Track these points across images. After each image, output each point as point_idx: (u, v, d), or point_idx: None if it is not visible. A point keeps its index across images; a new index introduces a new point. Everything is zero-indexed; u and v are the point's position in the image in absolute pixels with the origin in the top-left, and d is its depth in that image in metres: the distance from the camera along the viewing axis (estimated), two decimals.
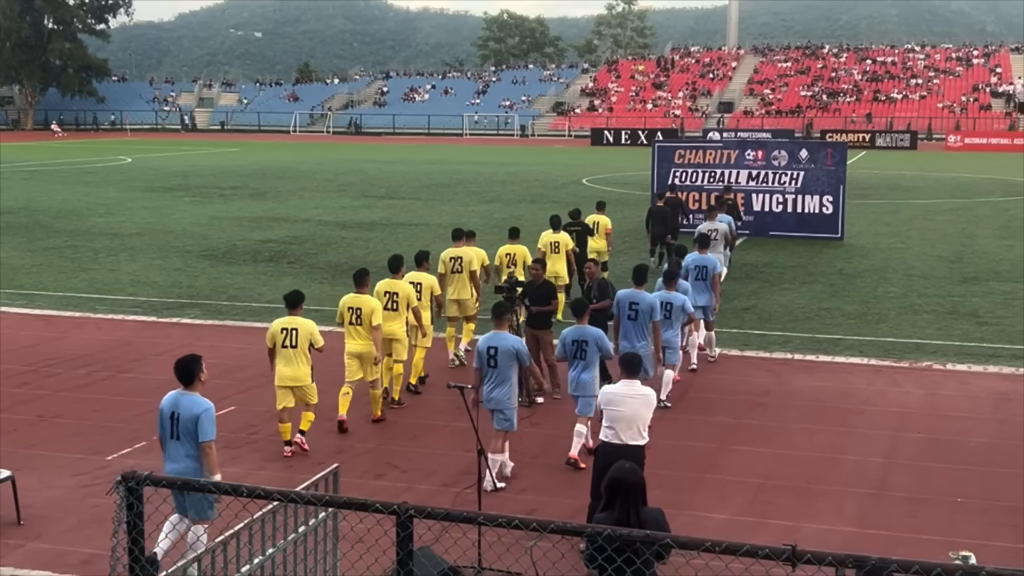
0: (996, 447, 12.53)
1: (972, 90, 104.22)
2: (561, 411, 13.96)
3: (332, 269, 25.07)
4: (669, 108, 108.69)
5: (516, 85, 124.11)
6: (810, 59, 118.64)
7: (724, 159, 30.22)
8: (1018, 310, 20.15)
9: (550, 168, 59.04)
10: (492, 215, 35.33)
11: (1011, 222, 33.54)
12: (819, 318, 19.61)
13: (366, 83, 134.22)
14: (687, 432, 13.12)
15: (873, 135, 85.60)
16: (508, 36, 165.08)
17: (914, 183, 49.00)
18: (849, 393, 14.76)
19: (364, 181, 49.38)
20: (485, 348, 11.54)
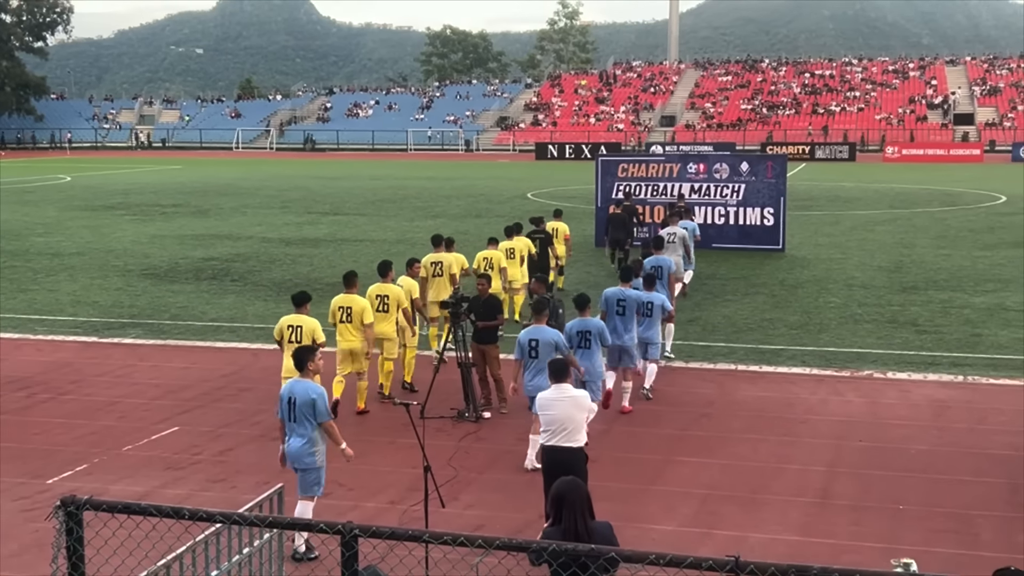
0: (936, 454, 12.73)
1: (909, 102, 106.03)
2: (508, 425, 13.98)
3: (276, 286, 24.89)
4: (612, 122, 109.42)
5: (460, 100, 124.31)
6: (750, 73, 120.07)
7: (667, 172, 30.46)
8: (956, 318, 20.49)
9: (495, 182, 59.15)
10: (438, 230, 35.03)
11: (948, 232, 34.12)
12: (762, 329, 19.81)
13: (309, 99, 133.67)
14: (633, 444, 13.18)
15: (812, 147, 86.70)
16: (451, 51, 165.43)
17: (853, 194, 49.70)
18: (792, 403, 14.92)
19: (308, 197, 49.13)
20: (527, 340, 12.45)
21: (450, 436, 13.52)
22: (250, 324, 20.71)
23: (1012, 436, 13.31)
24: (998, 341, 18.59)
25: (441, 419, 14.03)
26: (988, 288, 23.71)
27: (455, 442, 13.29)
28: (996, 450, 12.82)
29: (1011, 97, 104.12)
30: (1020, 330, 19.40)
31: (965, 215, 39.50)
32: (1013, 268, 26.40)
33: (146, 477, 12.14)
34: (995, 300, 22.26)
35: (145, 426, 14.02)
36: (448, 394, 14.73)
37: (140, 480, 12.03)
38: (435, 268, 17.78)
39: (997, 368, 16.73)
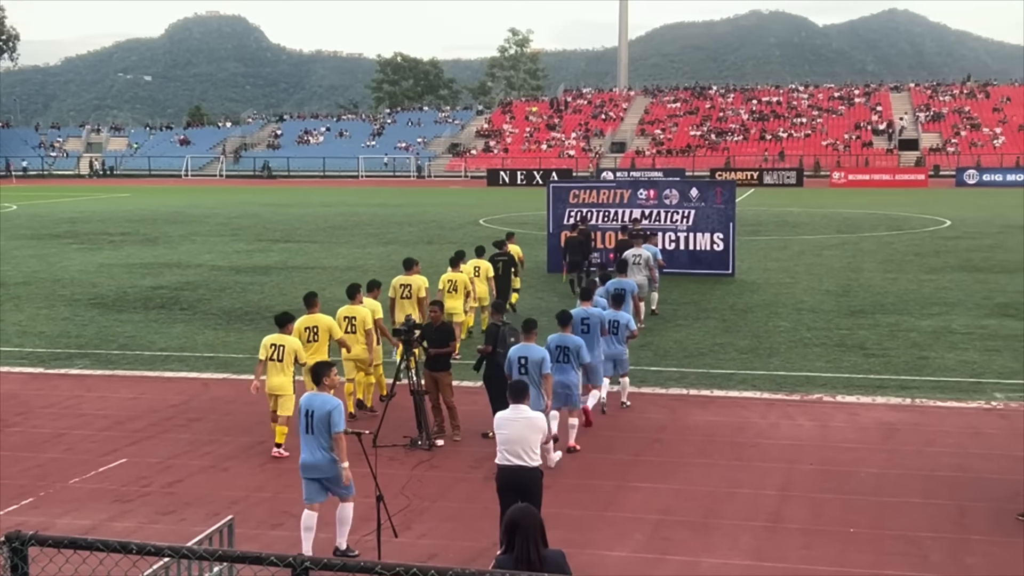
0: (885, 477, 12.85)
1: (855, 128, 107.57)
2: (461, 453, 13.95)
3: (226, 315, 24.69)
4: (563, 148, 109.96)
5: (411, 127, 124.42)
6: (698, 100, 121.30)
7: (617, 198, 30.65)
8: (903, 341, 20.74)
9: (447, 209, 59.20)
10: (390, 256, 35.22)
11: (894, 256, 34.58)
12: (713, 353, 19.93)
13: (260, 126, 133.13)
14: (586, 471, 13.19)
15: (761, 173, 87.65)
16: (402, 78, 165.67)
17: (801, 219, 50.27)
18: (743, 427, 15.01)
19: (258, 225, 48.85)
20: (516, 357, 13.14)
21: (403, 464, 13.45)
22: (200, 353, 20.52)
23: (960, 458, 13.48)
24: (945, 364, 18.84)
25: (394, 447, 13.96)
26: (934, 311, 24.04)
27: (408, 470, 13.23)
28: (944, 472, 12.97)
29: (954, 123, 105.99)
30: (966, 353, 19.68)
31: (911, 239, 40.08)
32: (958, 291, 26.79)
33: (93, 510, 11.96)
34: (941, 323, 22.57)
35: (92, 458, 13.82)
36: (401, 422, 14.67)
37: (87, 513, 11.85)
38: (404, 290, 18.24)
39: (944, 391, 16.94)
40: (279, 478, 13.01)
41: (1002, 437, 14.40)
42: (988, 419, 15.35)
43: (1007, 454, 13.49)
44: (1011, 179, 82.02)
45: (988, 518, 11.44)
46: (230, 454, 13.98)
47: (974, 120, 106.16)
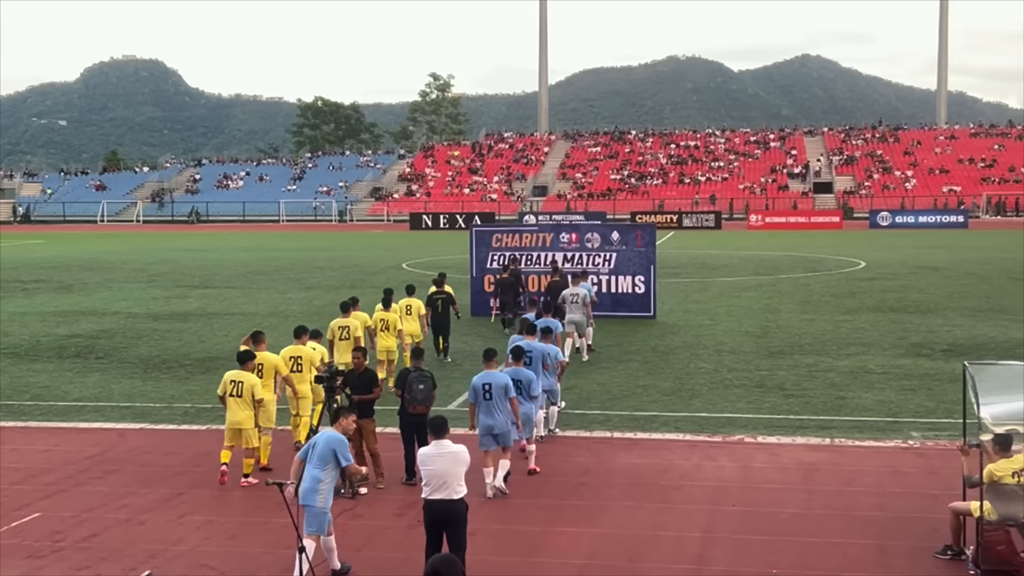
0: (806, 517, 12.98)
1: (770, 171, 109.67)
2: (385, 501, 13.80)
3: (143, 363, 24.22)
4: (486, 192, 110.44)
5: (333, 171, 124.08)
6: (618, 144, 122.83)
7: (540, 242, 30.81)
8: (821, 382, 21.04)
9: (369, 253, 58.97)
10: (312, 302, 34.95)
11: (811, 297, 35.17)
12: (636, 396, 20.04)
13: (177, 170, 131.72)
14: (511, 516, 13.12)
15: (680, 216, 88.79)
16: (323, 122, 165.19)
17: (720, 261, 50.96)
18: (667, 469, 15.07)
19: (176, 271, 48.17)
20: (480, 384, 14.04)
21: None
22: (116, 403, 20.10)
23: (879, 497, 13.67)
24: (862, 403, 19.14)
25: None
26: (851, 351, 24.45)
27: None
28: (864, 511, 13.14)
29: (867, 166, 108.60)
30: (883, 392, 20.02)
31: (827, 280, 40.82)
32: (874, 332, 27.30)
33: (5, 567, 11.58)
34: (858, 363, 22.95)
35: (4, 513, 13.40)
36: None
37: None
38: (342, 332, 19.08)
39: (862, 430, 17.21)
40: (198, 531, 12.74)
41: (919, 476, 14.65)
42: (905, 458, 15.60)
43: (924, 493, 13.71)
44: (923, 221, 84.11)
45: (907, 557, 11.61)
46: (148, 506, 13.66)
47: (886, 163, 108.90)
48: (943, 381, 20.66)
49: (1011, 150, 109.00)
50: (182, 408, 19.54)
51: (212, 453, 16.21)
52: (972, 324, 28.43)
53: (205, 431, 17.78)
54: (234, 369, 15.18)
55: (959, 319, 29.38)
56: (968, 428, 12.27)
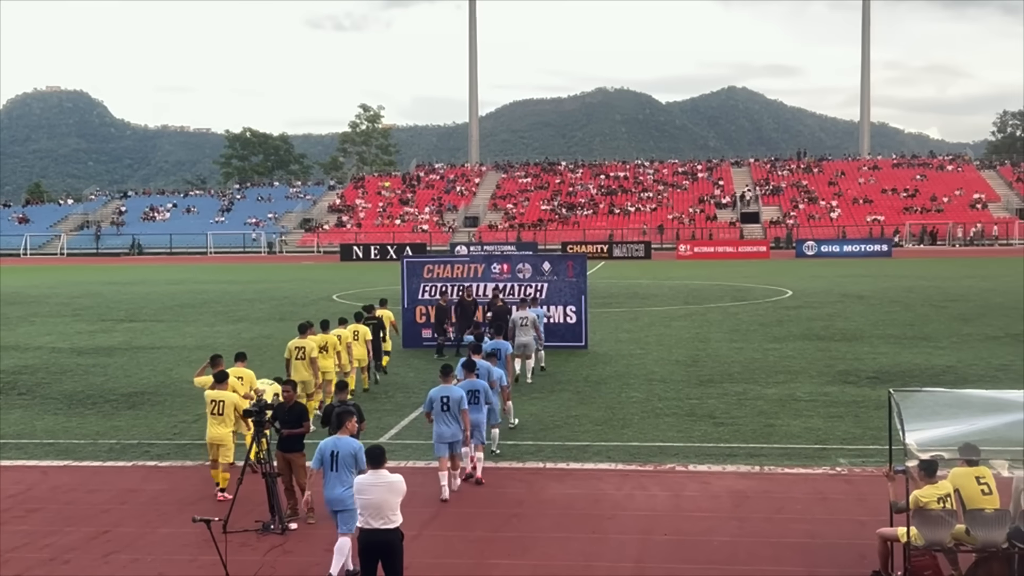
0: (737, 544, 13.06)
1: (699, 201, 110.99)
2: (315, 536, 13.63)
3: (67, 399, 23.73)
4: (417, 223, 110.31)
5: (262, 202, 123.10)
6: (548, 174, 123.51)
7: (471, 272, 30.82)
8: (750, 410, 21.24)
9: (299, 285, 58.52)
10: (240, 335, 34.54)
11: (740, 326, 35.55)
12: (568, 426, 20.06)
13: (103, 203, 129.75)
14: (444, 550, 13.03)
15: (611, 246, 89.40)
16: (252, 153, 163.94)
17: (650, 291, 51.34)
18: (599, 499, 15.09)
19: (102, 304, 47.35)
20: (438, 396, 15.25)
21: (255, 550, 13.07)
22: (39, 440, 19.66)
23: (808, 524, 13.81)
24: (791, 431, 19.35)
25: (245, 532, 13.56)
26: (779, 379, 24.73)
27: (260, 556, 12.86)
28: (794, 538, 13.26)
29: (792, 196, 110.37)
30: (810, 419, 20.25)
31: (755, 309, 41.32)
32: (801, 359, 27.65)
33: None
34: (786, 391, 23.22)
35: None
36: (253, 506, 14.26)
37: None
38: (298, 352, 20.29)
39: (791, 457, 17.39)
40: (123, 570, 12.47)
41: (847, 502, 14.82)
42: (833, 484, 15.79)
43: (852, 519, 13.87)
44: (848, 250, 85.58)
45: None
46: (71, 545, 13.34)
47: (811, 193, 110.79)
48: (869, 408, 20.97)
49: (932, 180, 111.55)
50: (107, 444, 19.16)
51: (138, 490, 15.98)
52: (897, 351, 28.93)
53: (131, 468, 17.46)
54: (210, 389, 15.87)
55: (884, 346, 29.88)
56: (894, 455, 12.47)
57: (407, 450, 17.96)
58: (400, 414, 21.17)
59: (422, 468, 16.37)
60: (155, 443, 19.16)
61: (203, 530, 10.20)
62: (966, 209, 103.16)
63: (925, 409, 11.95)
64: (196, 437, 19.50)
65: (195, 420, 21.12)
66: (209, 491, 15.60)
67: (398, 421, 20.59)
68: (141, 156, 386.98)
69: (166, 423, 20.96)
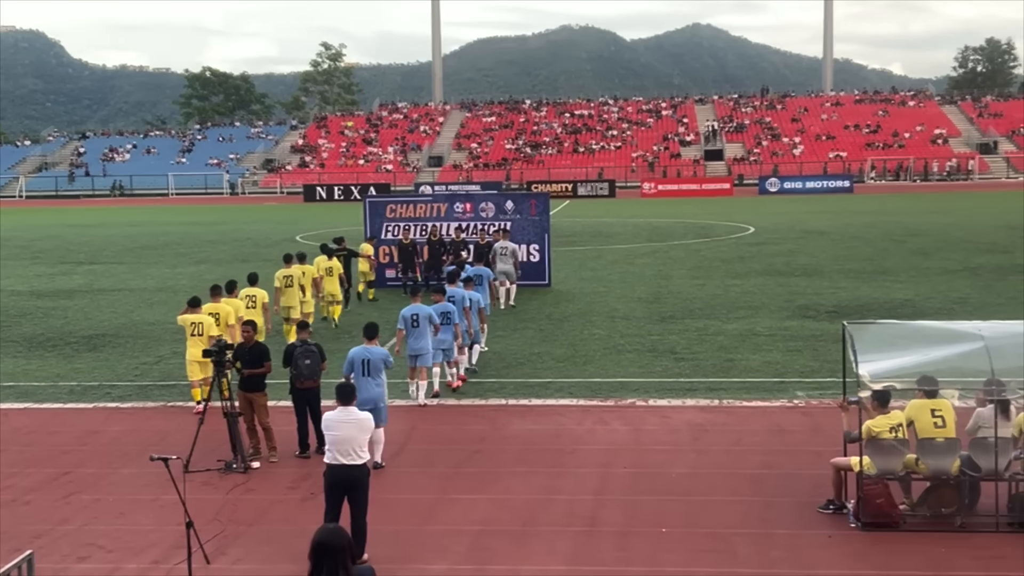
0: (696, 476, 13.25)
1: (663, 139, 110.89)
2: (278, 474, 13.70)
3: (27, 341, 23.58)
4: (380, 163, 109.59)
5: (223, 143, 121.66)
6: (513, 113, 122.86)
7: (434, 212, 30.73)
8: (711, 345, 21.44)
9: (262, 226, 58.16)
10: (202, 276, 34.29)
11: (702, 263, 35.73)
12: (530, 363, 20.17)
13: (61, 144, 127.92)
14: (405, 485, 13.13)
15: (575, 185, 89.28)
16: (212, 94, 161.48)
17: (614, 229, 51.44)
18: (560, 434, 15.24)
19: (61, 247, 46.90)
20: (409, 314, 16.84)
21: (217, 489, 13.13)
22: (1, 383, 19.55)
23: (765, 456, 14.02)
24: (750, 365, 19.57)
25: (207, 472, 13.60)
26: (740, 315, 24.95)
27: (223, 495, 12.91)
28: (751, 470, 13.47)
29: (756, 133, 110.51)
30: (769, 354, 20.49)
31: (717, 246, 41.53)
32: (762, 295, 27.88)
33: None
34: (746, 326, 23.44)
35: None
36: (215, 446, 14.28)
37: None
38: (287, 280, 22.21)
39: (750, 391, 17.61)
40: (84, 510, 12.49)
41: (804, 434, 15.05)
42: (791, 417, 16.02)
43: (809, 450, 14.09)
44: (810, 187, 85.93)
45: (792, 512, 11.94)
46: (32, 487, 13.35)
47: (775, 130, 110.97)
48: (827, 342, 21.17)
49: (895, 116, 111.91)
50: (67, 387, 19.11)
51: (99, 431, 15.98)
52: (856, 286, 29.23)
53: (92, 409, 17.44)
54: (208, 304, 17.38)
55: (844, 281, 30.17)
56: (848, 386, 12.65)
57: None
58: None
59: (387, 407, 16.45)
60: (116, 384, 19.12)
61: (164, 470, 10.19)
62: (927, 144, 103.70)
63: (878, 341, 12.11)
64: (158, 379, 19.53)
65: (156, 362, 21.13)
66: (172, 431, 15.60)
67: None
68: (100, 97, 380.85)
69: (127, 365, 20.90)
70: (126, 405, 17.66)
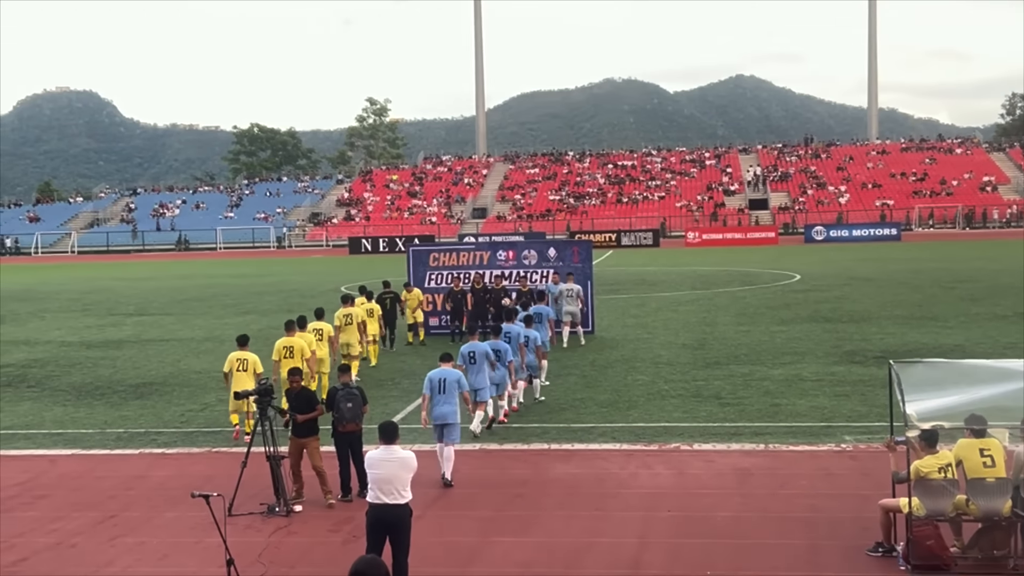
0: (741, 519, 13.07)
1: (707, 189, 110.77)
2: (320, 518, 13.70)
3: (76, 390, 23.84)
4: (425, 215, 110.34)
5: (270, 197, 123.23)
6: (556, 165, 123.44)
7: (477, 260, 30.85)
8: (756, 390, 21.23)
9: (308, 277, 58.61)
10: (248, 326, 34.42)
11: (747, 309, 35.50)
12: (573, 408, 20.08)
13: (112, 200, 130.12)
14: (448, 528, 13.07)
15: (619, 235, 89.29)
16: (260, 149, 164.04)
17: (658, 277, 51.30)
18: (603, 478, 15.12)
19: (111, 299, 47.52)
20: (467, 352, 17.73)
21: (260, 532, 13.14)
22: (48, 430, 19.77)
23: (812, 499, 13.81)
24: (796, 410, 19.35)
25: (250, 515, 13.62)
26: (785, 360, 24.71)
27: (265, 538, 12.92)
28: (797, 513, 13.27)
29: (801, 182, 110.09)
30: (816, 399, 20.25)
31: (763, 293, 41.25)
32: (808, 341, 27.62)
33: None
34: (792, 372, 23.21)
35: None
36: (259, 489, 14.30)
37: None
38: (346, 319, 23.26)
39: (796, 435, 17.39)
40: (128, 552, 12.54)
41: (852, 477, 14.82)
42: (838, 461, 15.79)
43: (856, 493, 13.85)
44: (856, 235, 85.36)
45: (840, 556, 11.73)
46: (78, 529, 13.44)
47: (820, 179, 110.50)
48: (875, 386, 20.91)
49: (941, 163, 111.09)
50: (115, 433, 19.26)
51: (145, 476, 16.07)
52: (904, 331, 28.88)
53: (137, 455, 17.55)
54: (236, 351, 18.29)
55: (892, 327, 29.82)
56: (896, 427, 12.45)
57: (413, 434, 17.95)
58: (406, 400, 21.21)
59: (427, 451, 16.38)
60: (162, 431, 19.25)
61: (208, 514, 10.20)
62: (976, 192, 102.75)
63: (925, 380, 11.93)
64: (203, 425, 19.65)
65: (202, 409, 21.28)
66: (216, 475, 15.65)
67: (404, 407, 20.63)
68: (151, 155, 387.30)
69: (173, 412, 21.06)
70: (171, 451, 17.77)
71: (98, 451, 17.98)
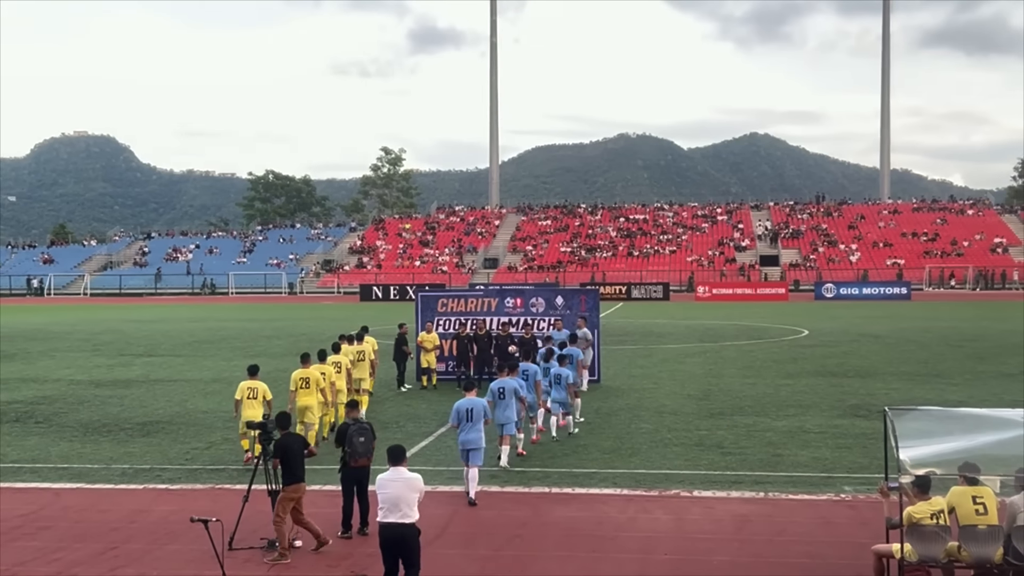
0: (737, 563, 13.15)
1: (718, 244, 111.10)
2: (320, 553, 13.77)
3: (83, 427, 24.02)
4: (436, 264, 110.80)
5: (283, 243, 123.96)
6: (568, 217, 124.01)
7: (485, 307, 31.06)
8: (759, 441, 21.30)
9: (318, 322, 58.85)
10: None
11: (754, 363, 35.58)
12: (576, 454, 20.17)
13: (126, 243, 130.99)
14: (445, 566, 13.15)
15: (629, 287, 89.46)
16: (274, 196, 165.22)
17: (666, 330, 51.40)
18: (602, 521, 15.20)
19: (121, 340, 47.80)
20: (496, 388, 18.52)
21: (259, 566, 13.24)
22: (53, 464, 19.94)
23: (809, 545, 13.89)
24: (798, 460, 19.41)
25: (251, 549, 13.74)
26: (790, 412, 24.78)
27: (264, 572, 13.03)
28: (794, 559, 13.34)
29: (812, 240, 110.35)
30: (818, 450, 20.31)
31: (770, 347, 41.33)
32: (813, 394, 27.69)
33: None
34: (796, 423, 23.27)
35: None
36: (259, 524, 14.43)
37: None
38: (359, 355, 24.43)
39: (796, 484, 17.45)
40: None
41: (850, 526, 14.88)
42: (837, 510, 15.85)
43: (854, 541, 13.91)
44: (866, 292, 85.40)
45: None
46: (79, 560, 13.56)
47: (831, 236, 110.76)
48: (878, 439, 20.79)
49: (953, 224, 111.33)
50: (120, 469, 19.41)
51: (148, 511, 16.20)
52: (909, 387, 28.94)
53: (142, 490, 17.69)
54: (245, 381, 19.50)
55: (897, 383, 29.88)
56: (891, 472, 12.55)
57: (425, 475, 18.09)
58: (410, 443, 21.31)
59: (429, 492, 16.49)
60: (167, 468, 19.40)
61: (210, 547, 10.36)
62: (987, 253, 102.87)
63: (920, 427, 12.04)
64: (208, 463, 19.79)
65: (207, 447, 21.42)
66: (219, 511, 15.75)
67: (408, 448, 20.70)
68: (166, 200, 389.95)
69: (179, 450, 21.20)
70: (175, 487, 17.91)
71: (102, 485, 18.13)
